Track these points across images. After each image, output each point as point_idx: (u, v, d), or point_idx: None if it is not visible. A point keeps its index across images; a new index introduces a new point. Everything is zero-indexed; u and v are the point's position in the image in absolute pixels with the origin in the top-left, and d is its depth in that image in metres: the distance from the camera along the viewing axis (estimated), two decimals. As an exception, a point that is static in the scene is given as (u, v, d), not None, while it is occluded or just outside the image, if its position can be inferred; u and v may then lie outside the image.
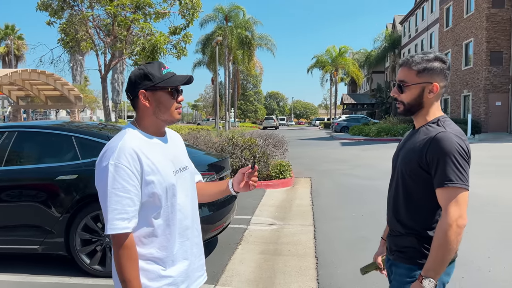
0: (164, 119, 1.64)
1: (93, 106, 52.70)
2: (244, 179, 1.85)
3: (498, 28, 24.22)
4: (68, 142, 4.27)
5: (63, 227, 4.05)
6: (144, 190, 1.52)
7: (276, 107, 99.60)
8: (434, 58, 1.72)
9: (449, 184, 1.58)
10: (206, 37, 41.46)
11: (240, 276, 4.18)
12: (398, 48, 46.57)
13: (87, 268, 4.06)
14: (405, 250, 1.74)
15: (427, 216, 1.70)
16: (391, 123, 27.35)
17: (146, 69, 1.62)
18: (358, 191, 8.49)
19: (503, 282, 3.86)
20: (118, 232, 1.46)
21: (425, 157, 1.64)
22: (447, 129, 1.65)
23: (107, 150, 1.53)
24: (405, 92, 1.74)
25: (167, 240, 1.59)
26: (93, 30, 13.81)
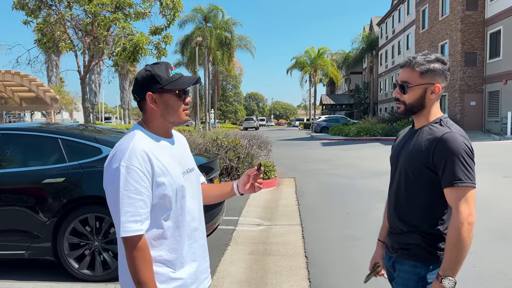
0: (172, 121, 1.63)
1: (70, 108, 51.66)
2: (250, 181, 1.87)
3: (472, 30, 24.89)
4: (54, 144, 4.18)
5: (50, 232, 3.96)
6: (155, 192, 1.52)
7: (256, 107, 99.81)
8: (435, 60, 1.75)
9: (458, 183, 1.61)
10: (185, 37, 41.20)
11: (232, 277, 4.18)
12: (376, 49, 47.33)
13: (76, 272, 3.98)
14: (409, 247, 1.77)
15: (430, 214, 1.74)
16: (370, 123, 27.77)
17: (153, 70, 1.59)
18: (341, 190, 8.59)
19: (489, 277, 3.97)
20: (132, 234, 1.45)
21: (432, 157, 1.67)
22: (452, 130, 1.68)
23: (117, 151, 1.52)
24: (408, 92, 1.76)
25: (177, 242, 1.59)
26: (71, 30, 13.54)
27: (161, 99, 1.59)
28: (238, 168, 9.28)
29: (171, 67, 1.63)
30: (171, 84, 1.59)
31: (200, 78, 1.68)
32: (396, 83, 1.83)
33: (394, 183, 1.87)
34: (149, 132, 1.61)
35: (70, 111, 53.02)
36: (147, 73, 1.59)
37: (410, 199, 1.77)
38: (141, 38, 12.24)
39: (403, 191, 1.80)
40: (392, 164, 1.93)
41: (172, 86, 1.59)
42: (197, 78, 1.67)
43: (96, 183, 3.99)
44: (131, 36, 12.35)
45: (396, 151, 1.90)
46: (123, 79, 62.81)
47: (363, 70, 54.84)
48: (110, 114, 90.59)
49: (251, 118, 58.60)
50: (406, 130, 1.96)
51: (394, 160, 1.91)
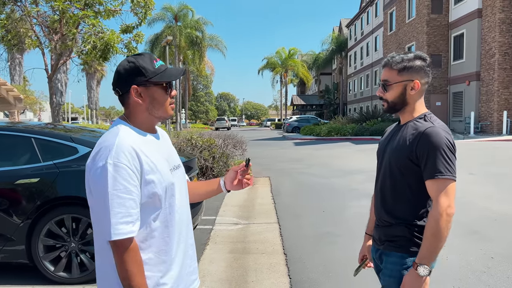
0: (158, 115, 1.55)
1: (35, 108, 49.97)
2: (237, 177, 1.83)
3: (437, 32, 25.75)
4: (27, 144, 4.05)
5: (24, 234, 3.83)
6: (144, 191, 1.42)
7: (227, 108, 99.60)
8: (414, 57, 1.82)
9: (439, 175, 1.68)
10: (155, 36, 40.65)
11: (212, 275, 4.17)
12: (345, 51, 48.20)
13: (52, 275, 3.87)
14: (396, 239, 1.82)
15: (416, 206, 1.80)
16: (340, 123, 28.24)
17: (137, 62, 1.49)
18: (316, 189, 8.71)
19: (460, 269, 4.13)
20: (124, 237, 1.35)
21: (415, 151, 1.73)
22: (435, 124, 1.75)
23: (102, 148, 1.41)
24: (389, 91, 1.84)
25: (166, 244, 1.50)
26: (38, 27, 13.10)
27: (146, 93, 1.50)
28: (213, 167, 9.25)
29: (155, 58, 1.55)
30: (158, 76, 1.51)
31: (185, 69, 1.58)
32: (379, 83, 1.91)
33: (380, 177, 1.93)
34: (134, 127, 1.51)
35: (36, 111, 51.26)
36: (130, 65, 1.49)
37: (396, 193, 1.83)
38: (112, 36, 11.96)
39: (389, 185, 1.85)
40: (378, 159, 1.99)
41: (158, 78, 1.51)
42: (183, 69, 1.60)
43: (73, 183, 3.90)
44: (101, 34, 12.06)
45: (382, 146, 1.96)
46: (90, 79, 61.32)
47: (333, 71, 55.69)
48: (76, 115, 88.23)
49: (222, 118, 58.51)
50: (393, 126, 2.01)
51: (380, 155, 1.96)
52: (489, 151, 14.89)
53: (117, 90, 1.52)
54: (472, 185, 8.46)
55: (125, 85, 1.50)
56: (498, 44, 20.97)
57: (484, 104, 22.29)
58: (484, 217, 6.06)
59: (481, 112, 22.60)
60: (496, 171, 10.22)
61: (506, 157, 12.99)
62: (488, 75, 21.86)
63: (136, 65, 1.48)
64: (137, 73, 1.48)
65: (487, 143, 17.99)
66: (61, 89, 52.59)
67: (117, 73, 1.51)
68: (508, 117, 20.75)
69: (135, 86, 1.49)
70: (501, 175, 9.59)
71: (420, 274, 1.68)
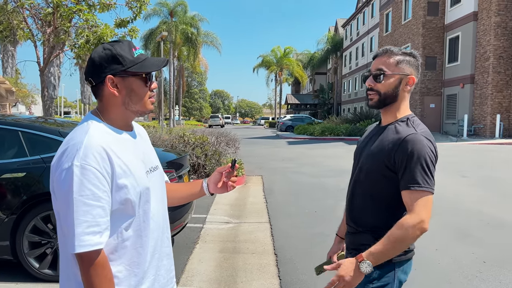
0: (136, 110, 1.40)
1: (27, 101, 49.50)
2: (222, 179, 1.69)
3: (433, 34, 25.82)
4: (14, 137, 3.94)
5: (8, 230, 3.73)
6: (115, 197, 1.27)
7: (221, 105, 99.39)
8: (410, 53, 1.73)
9: (416, 187, 1.55)
10: (149, 31, 40.40)
11: (201, 275, 4.10)
12: (340, 51, 48.22)
13: (36, 272, 3.78)
14: (362, 248, 1.64)
15: (388, 214, 1.66)
16: (334, 123, 28.27)
17: (114, 49, 1.34)
18: (308, 188, 8.66)
19: (453, 273, 4.09)
20: (90, 249, 1.19)
21: (394, 158, 1.61)
22: (417, 131, 1.63)
23: (68, 148, 1.25)
24: (383, 81, 1.69)
25: (138, 255, 1.35)
26: (31, 19, 12.93)
27: (123, 84, 1.35)
28: (206, 165, 9.17)
29: (134, 46, 1.40)
30: (137, 66, 1.36)
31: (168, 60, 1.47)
32: (368, 73, 1.76)
33: (352, 181, 1.81)
34: (106, 123, 1.36)
35: (27, 104, 50.79)
36: (106, 52, 1.34)
37: (367, 199, 1.71)
38: (105, 30, 11.82)
39: (360, 188, 1.74)
40: (354, 160, 1.86)
41: (137, 68, 1.36)
42: (165, 60, 1.45)
43: (60, 178, 3.80)
44: (95, 28, 11.92)
45: (360, 147, 1.85)
46: (83, 73, 60.94)
47: (328, 71, 55.73)
48: (69, 109, 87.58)
49: (216, 115, 58.41)
50: (373, 126, 1.90)
51: (356, 157, 1.85)
52: (482, 154, 14.94)
53: (90, 80, 1.36)
54: (465, 188, 8.45)
55: (99, 75, 1.34)
56: (493, 47, 21.06)
57: (478, 107, 22.39)
58: (476, 220, 6.04)
59: (474, 115, 22.70)
60: (488, 175, 10.24)
61: (499, 161, 13.04)
62: (482, 78, 21.96)
63: (112, 53, 1.34)
64: (114, 61, 1.33)
65: (480, 146, 18.07)
66: (54, 83, 52.16)
67: (90, 60, 1.36)
68: (501, 120, 20.87)
69: (111, 76, 1.33)
70: (493, 179, 9.61)
71: (361, 269, 1.54)
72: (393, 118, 1.73)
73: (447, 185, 8.63)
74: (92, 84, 1.37)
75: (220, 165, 9.37)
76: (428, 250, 4.70)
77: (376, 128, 1.83)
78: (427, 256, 4.49)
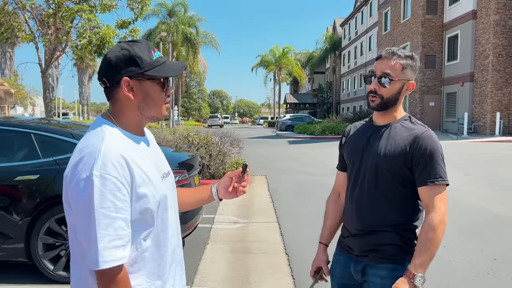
0: (151, 115, 1.33)
1: (25, 103, 49.40)
2: (233, 184, 1.65)
3: (432, 33, 25.86)
4: (26, 139, 3.95)
5: (23, 232, 3.74)
6: (135, 206, 1.21)
7: (220, 105, 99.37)
8: (412, 57, 1.72)
9: (440, 180, 1.62)
10: (148, 32, 40.41)
11: (214, 275, 4.11)
12: (339, 50, 48.27)
13: (51, 274, 3.79)
14: (384, 248, 1.68)
15: (407, 212, 1.70)
16: (334, 122, 28.29)
17: (132, 50, 1.27)
18: (312, 187, 8.69)
19: (465, 271, 4.12)
20: (114, 264, 1.13)
21: (411, 155, 1.64)
22: (428, 128, 1.70)
23: (84, 156, 1.17)
24: (388, 86, 1.68)
25: (157, 266, 1.30)
26: (32, 21, 12.90)
27: (139, 87, 1.28)
28: (210, 165, 9.18)
29: (153, 47, 1.32)
30: (155, 70, 1.28)
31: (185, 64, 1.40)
32: (370, 75, 1.73)
33: (360, 182, 1.76)
34: (120, 128, 1.29)
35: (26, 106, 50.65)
36: (124, 52, 1.26)
37: (387, 198, 1.70)
38: (107, 31, 11.79)
39: (375, 189, 1.71)
40: (352, 162, 1.81)
41: (155, 72, 1.28)
42: (184, 64, 1.38)
43: (74, 180, 3.81)
44: (97, 29, 11.90)
45: (357, 149, 1.79)
46: (82, 74, 60.76)
47: (326, 70, 55.75)
48: (67, 110, 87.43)
49: (215, 115, 58.44)
50: (358, 126, 1.88)
51: (356, 159, 1.79)
52: (483, 152, 14.99)
53: (104, 80, 1.28)
54: (468, 186, 8.49)
55: (115, 76, 1.26)
56: (492, 45, 21.11)
57: (478, 105, 22.45)
58: (482, 218, 6.08)
59: (474, 113, 22.76)
60: (490, 172, 10.28)
61: (500, 159, 13.08)
62: (482, 76, 22.01)
63: (130, 54, 1.26)
64: (131, 63, 1.26)
65: (481, 144, 18.12)
66: (53, 84, 52.17)
67: (106, 60, 1.28)
68: (501, 118, 20.92)
69: (127, 78, 1.26)
70: (496, 177, 9.65)
71: (416, 284, 1.55)
72: (393, 118, 1.75)
73: (451, 183, 8.63)
74: (105, 85, 1.29)
75: (224, 165, 9.39)
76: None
77: (370, 127, 1.81)
78: (437, 254, 4.49)
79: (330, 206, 2.01)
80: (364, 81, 1.79)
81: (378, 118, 1.78)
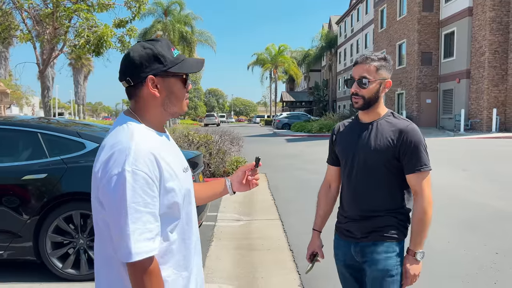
0: (173, 111, 1.37)
1: (21, 103, 49.16)
2: (246, 177, 1.71)
3: (428, 30, 25.98)
4: (33, 139, 3.97)
5: (31, 230, 3.77)
6: (163, 201, 1.25)
7: (216, 104, 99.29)
8: (384, 58, 1.92)
9: (425, 168, 1.85)
10: (144, 31, 40.28)
11: (221, 272, 4.15)
12: (335, 48, 48.33)
13: (60, 272, 3.82)
14: (384, 229, 1.91)
15: (398, 197, 1.92)
16: (331, 120, 28.34)
17: (155, 48, 1.31)
18: (312, 184, 8.69)
19: (468, 264, 4.18)
20: (145, 256, 1.17)
21: (399, 147, 1.85)
22: (410, 121, 1.91)
23: (115, 153, 1.21)
24: (367, 87, 1.89)
25: (184, 258, 1.34)
26: (29, 21, 12.87)
27: (163, 84, 1.32)
28: (210, 164, 9.21)
29: (172, 45, 1.36)
30: (177, 67, 1.33)
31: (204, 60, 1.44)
32: (350, 79, 1.96)
33: (355, 174, 1.96)
34: (145, 125, 1.33)
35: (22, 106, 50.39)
36: (147, 51, 1.30)
37: (381, 187, 1.91)
38: (105, 30, 11.78)
39: (368, 179, 1.92)
40: (345, 157, 2.01)
41: (177, 69, 1.33)
42: (203, 61, 1.42)
43: (81, 179, 3.85)
44: (95, 28, 11.89)
45: (349, 145, 1.99)
46: (77, 73, 60.49)
47: (322, 68, 55.82)
48: (63, 110, 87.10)
49: (212, 114, 58.39)
50: (346, 124, 2.09)
51: (348, 154, 1.99)
52: (480, 148, 15.10)
53: (129, 79, 1.31)
54: (467, 182, 8.57)
55: (139, 75, 1.30)
56: (488, 42, 21.24)
57: (474, 101, 22.59)
58: (484, 213, 6.15)
59: (471, 110, 22.90)
60: (488, 168, 10.37)
61: (497, 154, 13.19)
62: (478, 73, 22.15)
63: (154, 52, 1.30)
64: (155, 60, 1.30)
65: (477, 140, 18.25)
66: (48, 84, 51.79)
67: (129, 59, 1.31)
68: (497, 114, 21.08)
69: (152, 76, 1.30)
70: (494, 172, 9.74)
71: (418, 259, 1.86)
72: (377, 115, 1.95)
73: (449, 179, 8.74)
74: (129, 84, 1.32)
75: (224, 164, 9.42)
76: (441, 242, 4.79)
77: (357, 125, 2.01)
78: (441, 249, 4.58)
79: (322, 197, 2.23)
80: (346, 85, 2.05)
81: (363, 116, 1.98)
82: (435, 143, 16.75)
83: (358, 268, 2.00)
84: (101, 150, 1.26)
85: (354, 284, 2.06)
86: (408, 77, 27.33)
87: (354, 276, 2.05)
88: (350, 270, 2.05)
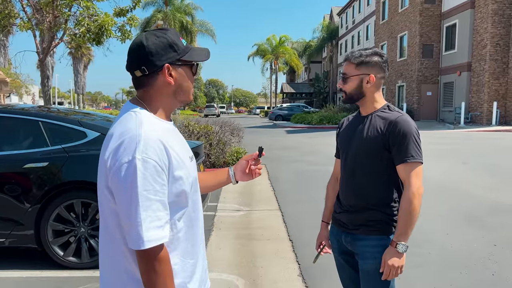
0: (182, 99, 1.38)
1: (21, 92, 49.03)
2: (249, 166, 1.72)
3: (430, 22, 25.85)
4: (35, 127, 3.98)
5: (33, 219, 3.79)
6: (171, 189, 1.25)
7: (216, 95, 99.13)
8: (372, 53, 1.95)
9: (411, 159, 1.83)
10: (145, 20, 40.04)
11: (221, 261, 4.19)
12: (336, 39, 48.13)
13: (61, 260, 3.85)
14: (373, 223, 1.93)
15: (390, 190, 1.94)
16: (332, 111, 28.33)
17: (169, 37, 1.31)
18: (311, 176, 8.77)
19: (466, 256, 4.21)
20: (156, 244, 1.18)
21: (388, 138, 1.87)
22: (403, 113, 1.91)
23: (124, 140, 1.21)
24: (347, 83, 1.97)
25: (190, 245, 1.35)
26: (29, 9, 12.79)
27: (176, 73, 1.33)
28: (210, 154, 9.22)
29: (179, 35, 1.37)
30: (188, 55, 1.34)
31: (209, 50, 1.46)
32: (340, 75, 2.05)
33: (348, 166, 2.02)
34: (153, 113, 1.33)
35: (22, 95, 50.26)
36: (161, 39, 1.30)
37: (372, 179, 1.94)
38: (106, 19, 11.74)
39: (361, 172, 1.95)
40: (343, 149, 2.08)
41: (189, 57, 1.34)
42: (208, 50, 1.43)
43: (82, 167, 3.87)
44: (95, 17, 11.83)
45: (346, 137, 2.06)
46: (77, 63, 60.21)
47: (323, 59, 55.65)
48: (62, 99, 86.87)
49: (212, 105, 58.33)
50: (350, 118, 2.14)
51: (345, 146, 2.05)
52: (480, 141, 15.11)
53: (144, 68, 1.30)
54: (466, 175, 8.60)
55: (155, 63, 1.29)
56: (490, 35, 21.15)
57: (475, 94, 22.56)
58: (482, 205, 6.17)
59: (471, 103, 22.88)
60: (488, 161, 10.39)
61: (497, 148, 13.21)
62: (479, 66, 22.09)
63: (168, 41, 1.31)
64: (171, 49, 1.31)
65: (478, 133, 18.26)
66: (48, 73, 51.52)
67: (142, 48, 1.29)
68: (498, 107, 21.05)
69: (168, 65, 1.31)
70: (493, 165, 9.76)
71: (399, 250, 1.82)
72: (373, 108, 1.98)
73: (449, 172, 8.77)
74: (144, 73, 1.31)
75: (224, 154, 9.43)
76: (440, 234, 4.82)
77: (356, 118, 2.07)
78: (439, 240, 4.61)
79: (329, 190, 2.29)
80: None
81: (361, 109, 2.03)
82: (435, 136, 16.77)
83: (353, 254, 2.05)
84: (110, 138, 1.26)
85: (349, 270, 2.11)
86: (409, 70, 27.26)
87: (349, 263, 2.09)
88: (345, 257, 2.10)
